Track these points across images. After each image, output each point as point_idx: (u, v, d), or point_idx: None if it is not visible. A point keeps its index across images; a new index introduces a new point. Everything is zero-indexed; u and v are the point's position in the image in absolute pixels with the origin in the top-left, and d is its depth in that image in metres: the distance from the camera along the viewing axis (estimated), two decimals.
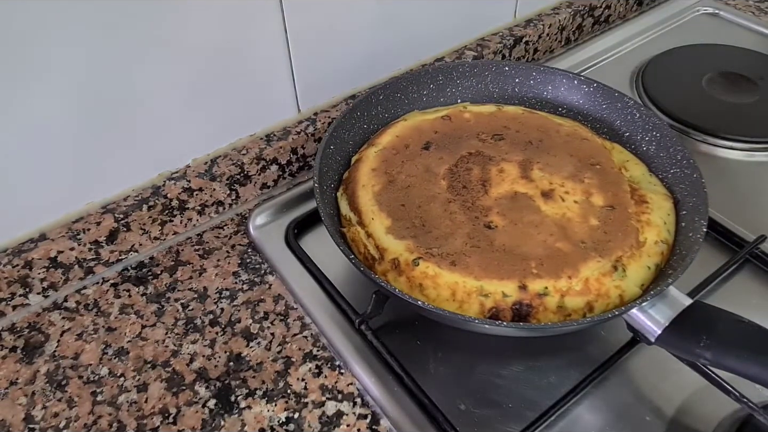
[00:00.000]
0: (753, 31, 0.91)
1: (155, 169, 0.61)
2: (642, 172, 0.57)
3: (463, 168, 0.56)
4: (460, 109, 0.63)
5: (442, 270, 0.47)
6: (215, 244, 0.62)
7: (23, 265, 0.54)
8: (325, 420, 0.48)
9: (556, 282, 0.46)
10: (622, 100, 0.62)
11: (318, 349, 0.53)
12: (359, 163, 0.57)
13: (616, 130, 0.63)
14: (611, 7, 0.92)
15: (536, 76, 0.66)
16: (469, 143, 0.58)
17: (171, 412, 0.49)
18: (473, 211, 0.52)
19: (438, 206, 0.53)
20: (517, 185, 0.54)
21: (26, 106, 0.49)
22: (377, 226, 0.51)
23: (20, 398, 0.50)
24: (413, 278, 0.47)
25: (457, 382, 0.50)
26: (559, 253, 0.48)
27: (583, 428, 0.47)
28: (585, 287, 0.46)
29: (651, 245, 0.50)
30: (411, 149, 0.58)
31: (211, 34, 0.56)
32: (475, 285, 0.46)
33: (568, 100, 0.66)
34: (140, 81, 0.54)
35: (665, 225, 0.52)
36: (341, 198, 0.55)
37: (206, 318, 0.55)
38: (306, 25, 0.62)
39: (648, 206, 0.53)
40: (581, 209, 0.52)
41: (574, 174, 0.55)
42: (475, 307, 0.46)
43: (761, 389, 0.48)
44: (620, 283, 0.47)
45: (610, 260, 0.48)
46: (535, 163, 0.56)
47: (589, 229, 0.51)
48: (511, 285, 0.46)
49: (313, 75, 0.66)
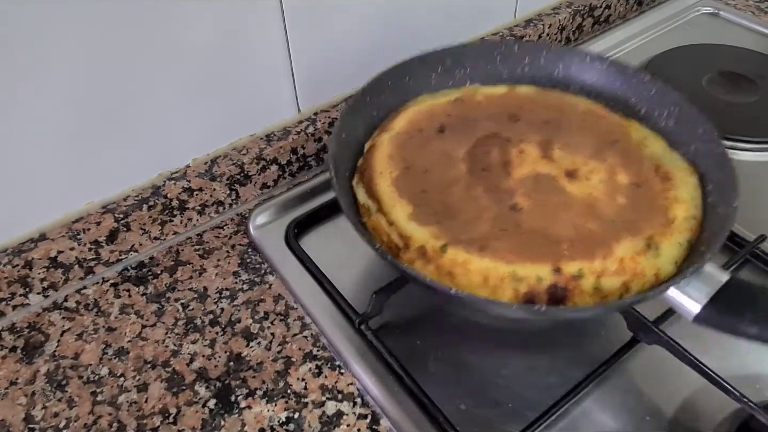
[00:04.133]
0: (753, 31, 0.91)
1: (155, 169, 0.61)
2: (662, 147, 0.56)
3: (481, 150, 0.54)
4: (470, 91, 0.61)
5: (472, 256, 0.45)
6: (215, 244, 0.62)
7: (23, 265, 0.54)
8: (325, 420, 0.48)
9: (590, 263, 0.45)
10: (638, 76, 0.60)
11: (318, 349, 0.53)
12: (374, 149, 0.55)
13: (631, 107, 0.60)
14: (611, 7, 0.92)
15: (546, 55, 0.64)
16: (485, 125, 0.57)
17: (171, 412, 0.49)
18: (497, 194, 0.50)
19: (460, 190, 0.51)
20: (539, 166, 0.53)
21: (26, 105, 0.49)
22: (399, 214, 0.49)
23: (20, 398, 0.50)
24: (442, 266, 0.45)
25: (457, 382, 0.50)
26: (589, 233, 0.47)
27: (583, 428, 0.47)
28: (620, 267, 0.45)
29: (681, 221, 0.48)
30: (425, 133, 0.56)
31: (211, 34, 0.56)
32: (508, 270, 0.44)
33: (579, 78, 0.63)
34: (140, 81, 0.54)
35: (692, 200, 0.50)
36: (357, 187, 0.53)
37: (206, 318, 0.55)
38: (306, 25, 0.62)
39: (673, 182, 0.51)
40: (607, 188, 0.51)
41: (596, 153, 0.54)
42: (508, 293, 0.44)
43: (761, 389, 0.48)
44: (655, 261, 0.46)
45: (643, 239, 0.46)
46: (555, 142, 0.55)
47: (618, 208, 0.49)
48: (544, 268, 0.44)
49: (313, 75, 0.66)
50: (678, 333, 0.48)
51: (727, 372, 0.45)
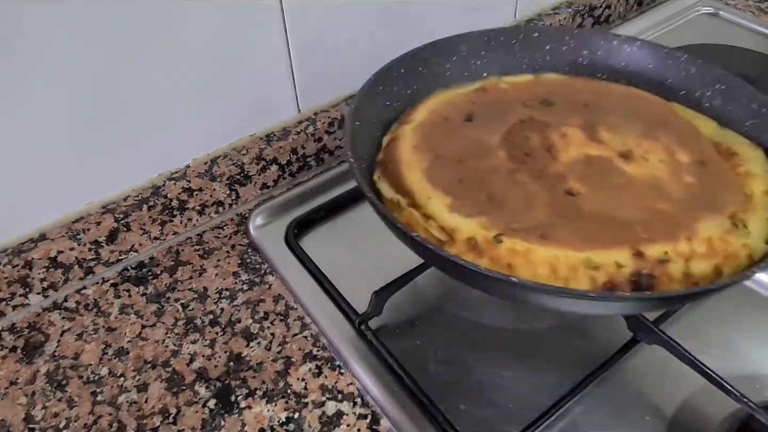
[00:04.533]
0: (753, 31, 0.91)
1: (155, 169, 0.61)
2: (713, 127, 0.52)
3: (519, 136, 0.50)
4: (494, 80, 0.57)
5: (533, 245, 0.40)
6: (215, 244, 0.62)
7: (23, 265, 0.54)
8: (325, 420, 0.48)
9: (675, 245, 0.40)
10: (673, 55, 0.56)
11: (318, 349, 0.53)
12: (395, 141, 0.51)
13: (669, 89, 0.56)
14: (611, 7, 0.92)
15: (569, 40, 0.59)
16: (517, 111, 0.52)
17: (171, 412, 0.49)
18: (546, 180, 0.45)
19: (502, 178, 0.46)
20: (587, 148, 0.48)
21: (26, 106, 0.49)
22: (437, 206, 0.44)
23: (20, 398, 0.50)
24: (498, 258, 0.40)
25: (457, 382, 0.50)
26: (663, 214, 0.42)
27: (583, 428, 0.47)
28: (710, 249, 0.40)
29: (761, 196, 0.44)
30: (452, 122, 0.52)
31: (211, 33, 0.56)
32: (580, 257, 0.39)
33: (608, 63, 0.58)
34: (140, 81, 0.54)
35: (766, 173, 0.46)
36: (380, 181, 0.48)
37: (206, 318, 0.55)
38: (306, 25, 0.62)
39: (740, 157, 0.48)
40: (669, 168, 0.46)
41: (646, 133, 0.49)
42: (584, 284, 0.39)
43: (761, 389, 0.48)
44: (747, 241, 0.41)
45: (726, 216, 0.42)
46: (599, 125, 0.50)
47: (687, 187, 0.45)
48: (623, 253, 0.39)
49: (313, 75, 0.66)
50: (678, 333, 0.48)
51: (727, 372, 0.45)
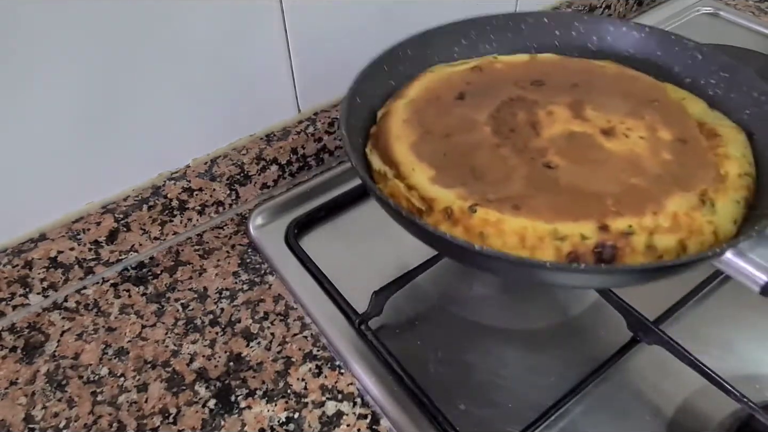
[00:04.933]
0: (753, 31, 0.91)
1: (155, 169, 0.61)
2: (702, 108, 0.53)
3: (507, 113, 0.51)
4: (490, 59, 0.58)
5: (505, 215, 0.42)
6: (215, 244, 0.62)
7: (23, 265, 0.54)
8: (325, 420, 0.48)
9: (640, 219, 0.41)
10: (681, 43, 0.56)
11: (318, 349, 0.53)
12: (388, 115, 0.52)
13: (675, 76, 0.57)
14: (611, 7, 0.92)
15: (579, 26, 0.60)
16: (508, 90, 0.54)
17: (171, 412, 0.49)
18: (527, 153, 0.47)
19: (486, 152, 0.47)
20: (571, 125, 0.50)
21: (26, 106, 0.49)
22: (420, 177, 0.46)
23: (20, 398, 0.50)
24: (471, 227, 0.42)
25: (457, 382, 0.50)
26: (636, 188, 0.43)
27: (583, 428, 0.47)
28: (675, 223, 0.41)
29: (735, 178, 0.45)
30: (443, 100, 0.53)
31: (211, 34, 0.56)
32: (548, 228, 0.41)
33: (616, 49, 0.59)
34: (140, 80, 0.54)
35: (744, 157, 0.47)
36: (371, 154, 0.50)
37: (206, 318, 0.55)
38: (306, 25, 0.62)
39: (721, 139, 0.48)
40: (649, 144, 0.47)
41: (632, 111, 0.51)
42: (549, 253, 0.40)
43: (761, 389, 0.48)
44: (712, 218, 0.42)
45: (695, 194, 0.43)
46: (587, 103, 0.52)
47: (663, 164, 0.46)
48: (589, 225, 0.41)
49: (313, 75, 0.66)
50: (678, 333, 0.49)
51: (727, 372, 0.45)
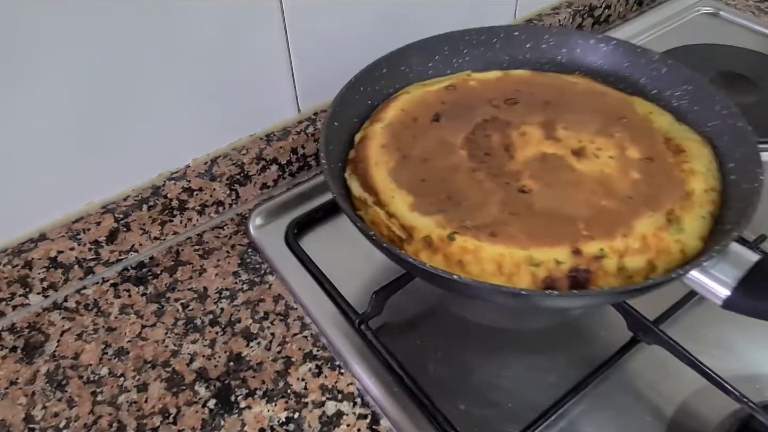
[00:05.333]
0: (753, 31, 0.91)
1: (155, 169, 0.61)
2: (669, 121, 0.54)
3: (481, 135, 0.52)
4: (463, 77, 0.59)
5: (483, 242, 0.43)
6: (215, 244, 0.62)
7: (23, 265, 0.54)
8: (325, 420, 0.48)
9: (611, 242, 0.43)
10: (646, 55, 0.58)
11: (318, 349, 0.53)
12: (366, 140, 0.53)
13: (641, 88, 0.58)
14: (611, 7, 0.92)
15: (549, 38, 0.62)
16: (482, 110, 0.55)
17: (171, 412, 0.49)
18: (502, 178, 0.48)
19: (462, 177, 0.48)
20: (543, 146, 0.51)
21: (26, 106, 0.49)
22: (399, 204, 0.47)
23: (20, 398, 0.50)
24: (451, 255, 0.43)
25: (457, 382, 0.50)
26: (606, 211, 0.45)
27: (583, 428, 0.47)
28: (644, 245, 0.43)
29: (700, 194, 0.47)
30: (420, 122, 0.54)
31: (211, 33, 0.56)
32: (523, 255, 0.42)
33: (585, 61, 0.61)
34: (140, 81, 0.54)
35: (709, 172, 0.49)
36: (351, 179, 0.51)
37: (206, 318, 0.55)
38: (306, 25, 0.62)
39: (686, 155, 0.50)
40: (618, 164, 0.49)
41: (602, 129, 0.52)
42: (526, 279, 0.42)
43: (761, 389, 0.48)
44: (679, 237, 0.44)
45: (663, 213, 0.45)
46: (558, 122, 0.53)
47: (632, 184, 0.47)
48: (563, 251, 0.42)
49: (313, 75, 0.66)
50: (678, 333, 0.48)
51: (727, 372, 0.45)
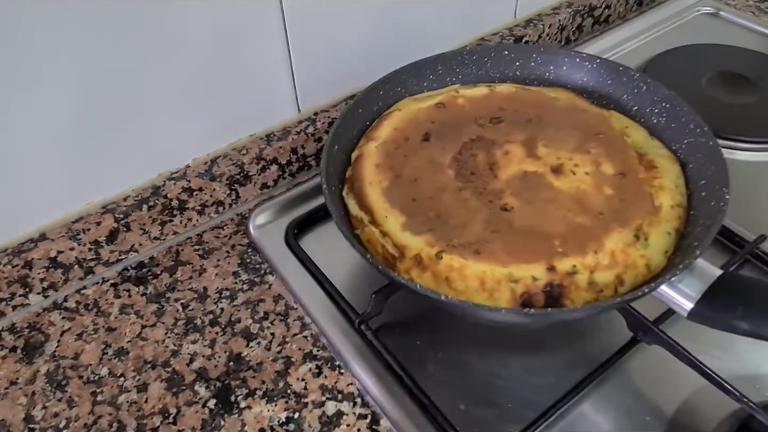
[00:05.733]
0: (753, 31, 0.91)
1: (155, 169, 0.61)
2: (643, 136, 0.57)
3: (467, 155, 0.55)
4: (452, 93, 0.62)
5: (467, 260, 0.46)
6: (215, 244, 0.62)
7: (23, 265, 0.54)
8: (325, 420, 0.48)
9: (583, 259, 0.46)
10: (627, 73, 0.61)
11: (318, 349, 0.53)
12: (361, 159, 0.56)
13: (623, 105, 0.62)
14: (611, 7, 0.92)
15: (537, 57, 0.65)
16: (469, 129, 0.58)
17: (171, 412, 0.49)
18: (486, 196, 0.51)
19: (450, 196, 0.52)
20: (525, 165, 0.54)
21: (26, 105, 0.49)
22: (392, 224, 0.50)
23: (20, 398, 0.50)
24: (439, 273, 0.46)
25: (457, 382, 0.50)
26: (580, 227, 0.48)
27: (583, 428, 0.47)
28: (612, 260, 0.46)
29: (667, 210, 0.49)
30: (411, 141, 0.57)
31: (211, 33, 0.56)
32: (503, 272, 0.45)
33: (571, 79, 0.65)
34: (140, 81, 0.54)
35: (677, 188, 0.52)
36: (348, 197, 0.54)
37: (206, 318, 0.55)
38: (306, 25, 0.62)
39: (658, 170, 0.53)
40: (593, 180, 0.52)
41: (580, 145, 0.55)
42: (506, 295, 0.45)
43: (761, 389, 0.48)
44: (645, 252, 0.47)
45: (631, 229, 0.47)
46: (539, 140, 0.56)
47: (605, 199, 0.50)
48: (539, 267, 0.45)
49: (313, 75, 0.66)
50: (678, 333, 0.48)
51: (727, 372, 0.45)
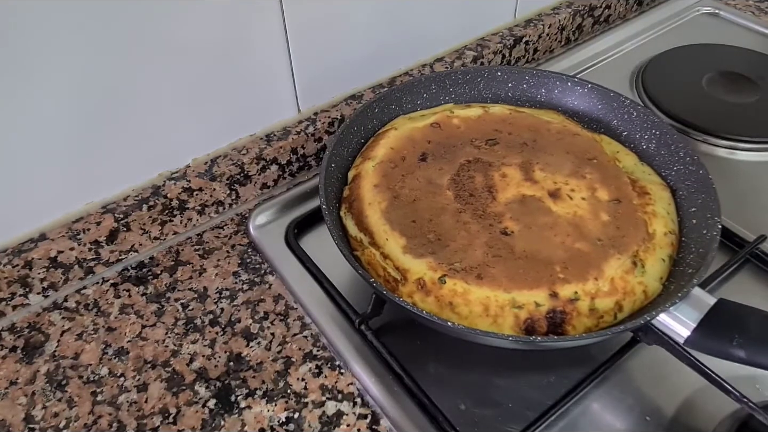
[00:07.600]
0: (753, 31, 0.91)
1: (155, 169, 0.61)
2: (634, 161, 0.58)
3: (465, 176, 0.56)
4: (447, 114, 0.62)
5: (471, 285, 0.46)
6: (215, 244, 0.62)
7: (23, 265, 0.54)
8: (325, 420, 0.48)
9: (584, 285, 0.46)
10: (618, 99, 0.62)
11: (318, 349, 0.53)
12: (359, 179, 0.56)
13: (613, 129, 0.63)
14: (611, 7, 0.92)
15: (529, 79, 0.66)
16: (465, 151, 0.58)
17: (171, 412, 0.49)
18: (486, 219, 0.52)
19: (449, 218, 0.52)
20: (523, 188, 0.54)
21: (26, 105, 0.49)
22: (393, 247, 0.50)
23: (20, 398, 0.50)
24: (442, 297, 0.46)
25: (458, 382, 0.50)
26: (580, 254, 0.49)
27: (583, 428, 0.47)
28: (612, 287, 0.47)
29: (661, 237, 0.50)
30: (408, 161, 0.57)
31: (211, 33, 0.56)
32: (507, 298, 0.46)
33: (562, 101, 0.65)
34: (140, 81, 0.54)
35: (669, 215, 0.52)
36: (346, 217, 0.54)
37: (206, 318, 0.55)
38: (306, 24, 0.62)
39: (650, 197, 0.53)
40: (590, 206, 0.53)
41: (575, 171, 0.56)
42: (510, 320, 0.45)
43: (761, 389, 0.48)
44: (642, 279, 0.48)
45: (629, 256, 0.48)
46: (535, 164, 0.56)
47: (602, 226, 0.51)
48: (542, 294, 0.46)
49: (313, 75, 0.66)
50: None
51: (727, 372, 0.45)
